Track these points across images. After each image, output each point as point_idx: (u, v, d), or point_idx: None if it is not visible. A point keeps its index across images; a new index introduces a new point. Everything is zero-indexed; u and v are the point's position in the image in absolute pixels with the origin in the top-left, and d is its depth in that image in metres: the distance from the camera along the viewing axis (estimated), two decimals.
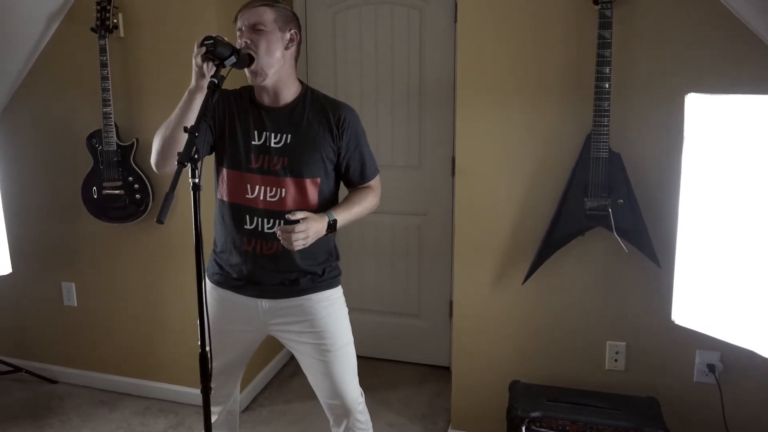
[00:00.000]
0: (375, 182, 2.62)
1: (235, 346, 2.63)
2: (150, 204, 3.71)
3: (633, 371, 3.22)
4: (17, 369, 4.19)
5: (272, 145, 2.40)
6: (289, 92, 2.43)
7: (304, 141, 2.40)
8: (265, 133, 2.40)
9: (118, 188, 3.70)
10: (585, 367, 3.29)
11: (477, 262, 3.35)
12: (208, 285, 2.58)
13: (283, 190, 2.40)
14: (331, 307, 2.55)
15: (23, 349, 4.34)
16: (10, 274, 3.52)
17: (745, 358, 2.80)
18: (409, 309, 4.43)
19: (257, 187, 2.41)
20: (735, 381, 3.07)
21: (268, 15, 2.31)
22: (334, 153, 2.45)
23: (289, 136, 2.39)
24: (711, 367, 3.07)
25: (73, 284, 4.12)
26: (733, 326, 2.11)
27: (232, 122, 2.44)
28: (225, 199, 2.48)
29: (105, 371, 4.16)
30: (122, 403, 4.00)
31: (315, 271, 2.51)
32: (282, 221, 2.38)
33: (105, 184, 3.71)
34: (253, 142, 2.41)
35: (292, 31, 2.37)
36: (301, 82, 2.49)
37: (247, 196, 2.42)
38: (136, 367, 4.08)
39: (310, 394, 2.62)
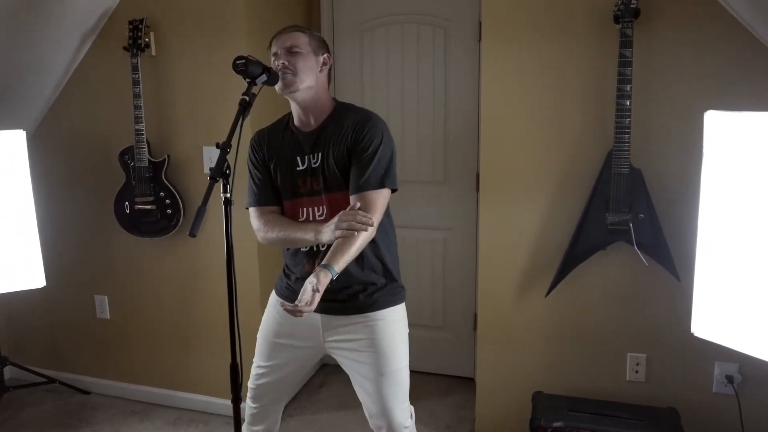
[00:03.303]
0: (373, 198, 2.34)
1: (290, 363, 2.62)
2: (181, 219, 3.77)
3: (653, 382, 3.26)
4: (51, 380, 4.26)
5: (313, 166, 2.43)
6: (322, 113, 2.45)
7: (334, 157, 2.40)
8: (306, 157, 2.44)
9: (149, 203, 3.77)
10: (606, 378, 3.32)
11: (501, 276, 3.40)
12: (275, 298, 2.64)
13: (325, 207, 2.43)
14: (388, 328, 2.50)
15: (57, 360, 4.42)
16: (45, 287, 3.60)
17: (764, 369, 2.84)
18: (434, 321, 4.47)
19: (305, 209, 2.46)
20: (753, 392, 3.10)
21: (302, 39, 2.38)
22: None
23: (320, 154, 2.41)
24: (730, 378, 3.09)
25: (106, 297, 4.19)
26: (751, 338, 2.14)
27: (278, 159, 2.50)
28: None
29: (137, 382, 4.23)
30: (153, 414, 4.06)
31: (375, 281, 2.49)
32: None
33: (137, 200, 3.78)
34: (297, 168, 2.45)
35: (325, 56, 2.43)
36: (335, 101, 2.52)
37: (300, 220, 2.47)
38: (168, 378, 4.14)
39: (338, 405, 2.62)
